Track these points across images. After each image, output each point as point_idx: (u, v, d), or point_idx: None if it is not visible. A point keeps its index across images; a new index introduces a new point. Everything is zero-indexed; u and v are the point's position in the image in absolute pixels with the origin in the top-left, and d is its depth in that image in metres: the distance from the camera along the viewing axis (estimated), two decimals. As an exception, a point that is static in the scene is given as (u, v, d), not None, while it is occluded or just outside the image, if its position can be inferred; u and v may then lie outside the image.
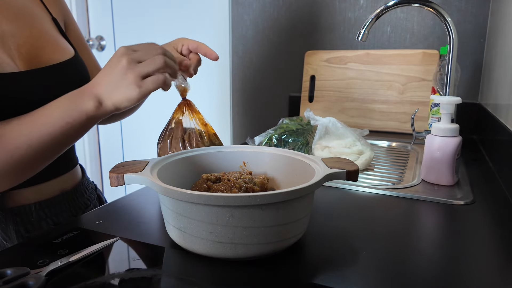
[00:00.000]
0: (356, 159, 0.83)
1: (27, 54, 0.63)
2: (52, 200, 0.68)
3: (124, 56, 0.55)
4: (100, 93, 0.56)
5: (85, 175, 0.80)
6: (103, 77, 0.56)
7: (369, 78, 1.24)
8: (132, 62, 0.55)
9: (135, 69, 0.55)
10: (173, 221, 0.46)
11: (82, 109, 0.55)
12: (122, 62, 0.55)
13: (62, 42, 0.70)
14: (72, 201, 0.72)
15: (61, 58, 0.68)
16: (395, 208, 0.63)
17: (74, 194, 0.73)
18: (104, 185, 2.01)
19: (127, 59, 0.55)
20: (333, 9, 1.32)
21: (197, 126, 0.70)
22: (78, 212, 0.73)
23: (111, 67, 0.56)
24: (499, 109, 0.88)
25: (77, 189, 0.74)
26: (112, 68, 0.55)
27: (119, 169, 0.48)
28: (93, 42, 1.84)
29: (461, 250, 0.49)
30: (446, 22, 0.89)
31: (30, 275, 0.40)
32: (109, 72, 0.56)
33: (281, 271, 0.44)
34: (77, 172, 0.77)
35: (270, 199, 0.41)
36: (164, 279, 0.42)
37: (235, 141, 1.59)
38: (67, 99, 0.56)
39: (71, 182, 0.74)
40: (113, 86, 0.55)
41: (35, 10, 0.68)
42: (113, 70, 0.55)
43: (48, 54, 0.66)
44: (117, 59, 0.55)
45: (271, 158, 0.59)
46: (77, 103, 0.56)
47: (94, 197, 0.80)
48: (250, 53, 1.49)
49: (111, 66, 0.56)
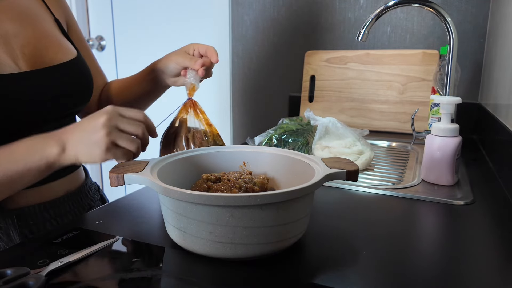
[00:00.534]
0: (356, 159, 0.82)
1: (30, 54, 0.63)
2: (56, 201, 0.68)
3: (106, 114, 0.54)
4: (67, 140, 0.55)
5: (88, 176, 0.80)
6: (76, 126, 0.56)
7: (369, 78, 1.24)
8: (111, 125, 0.54)
9: (109, 132, 0.53)
10: (173, 221, 0.46)
11: (43, 154, 0.54)
12: (101, 120, 0.54)
13: (64, 43, 0.70)
14: (76, 202, 0.72)
15: (63, 59, 0.68)
16: (395, 208, 0.63)
17: (78, 195, 0.73)
18: (104, 185, 2.01)
19: (108, 119, 0.54)
20: (333, 9, 1.32)
21: (202, 126, 0.70)
22: (82, 213, 0.73)
23: (88, 120, 0.55)
24: (499, 109, 0.88)
25: (81, 190, 0.74)
26: (89, 121, 0.55)
27: (119, 169, 0.48)
28: (93, 42, 1.84)
29: (461, 250, 0.49)
30: (446, 22, 0.89)
31: (30, 275, 0.40)
32: (86, 124, 0.55)
33: (281, 271, 0.44)
34: (81, 173, 0.77)
35: (270, 199, 0.41)
36: (164, 279, 0.42)
37: (235, 141, 1.59)
38: (34, 140, 0.56)
39: (75, 183, 0.74)
40: (83, 138, 0.54)
41: (38, 11, 0.69)
42: (90, 123, 0.54)
43: (51, 54, 0.66)
44: (99, 114, 0.54)
45: (271, 158, 0.59)
46: (42, 146, 0.55)
47: (97, 198, 0.80)
48: (250, 53, 1.49)
49: (89, 119, 0.55)
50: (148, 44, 1.71)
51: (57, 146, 0.55)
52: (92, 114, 0.56)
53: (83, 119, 0.56)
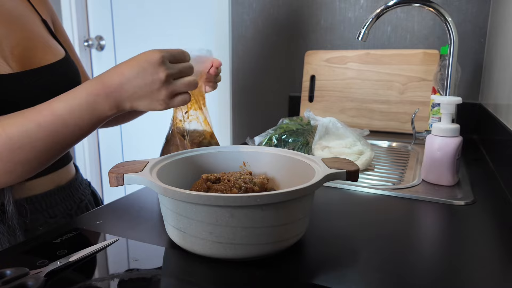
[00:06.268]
0: (356, 159, 0.82)
1: (20, 55, 0.64)
2: (47, 193, 0.69)
3: (162, 68, 0.53)
4: (122, 98, 0.53)
5: (79, 171, 0.81)
6: (127, 82, 0.53)
7: (369, 78, 1.24)
8: (169, 79, 0.53)
9: (169, 87, 0.53)
10: (173, 222, 0.46)
11: (95, 113, 0.54)
12: (160, 76, 0.52)
13: (53, 43, 0.71)
14: (66, 195, 0.73)
15: (52, 59, 0.68)
16: (396, 208, 0.63)
17: (68, 189, 0.73)
18: (104, 185, 2.01)
19: (166, 74, 0.53)
20: (333, 9, 1.32)
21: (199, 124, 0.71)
22: (72, 206, 0.74)
23: (142, 76, 0.52)
24: (499, 109, 0.87)
25: (72, 184, 0.75)
26: (144, 78, 0.52)
27: (119, 169, 0.48)
28: (92, 42, 1.84)
29: (461, 250, 0.49)
30: (447, 22, 0.89)
31: (29, 276, 0.40)
32: (140, 80, 0.52)
33: (281, 272, 0.43)
34: (71, 168, 0.77)
35: (270, 199, 0.41)
36: (164, 279, 0.42)
37: (235, 141, 1.59)
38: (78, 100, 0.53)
39: (66, 177, 0.74)
40: (141, 95, 0.53)
41: (25, 13, 0.69)
42: (144, 80, 0.52)
43: (40, 55, 0.66)
44: (154, 69, 0.52)
45: (271, 158, 0.59)
46: (90, 107, 0.53)
47: (88, 193, 0.81)
48: (250, 53, 1.49)
49: (143, 75, 0.52)
50: (147, 44, 1.71)
51: (108, 104, 0.53)
52: (139, 64, 0.53)
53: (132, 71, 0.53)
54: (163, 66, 0.53)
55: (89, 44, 1.84)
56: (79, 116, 0.53)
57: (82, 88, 0.54)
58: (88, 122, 0.54)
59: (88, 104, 0.53)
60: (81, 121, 0.53)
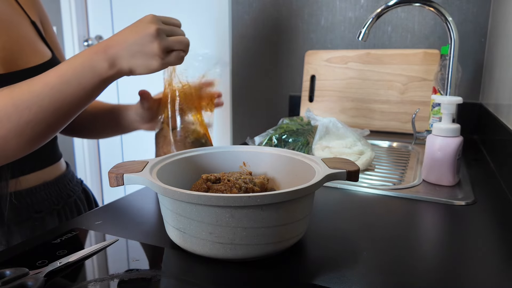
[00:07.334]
0: (356, 159, 0.82)
1: (7, 58, 0.64)
2: (32, 189, 0.69)
3: (153, 24, 0.55)
4: (116, 55, 0.55)
5: (69, 168, 0.81)
6: (123, 39, 0.55)
7: (369, 78, 1.24)
8: (161, 33, 0.55)
9: (162, 41, 0.54)
10: (173, 222, 0.46)
11: (95, 71, 0.55)
12: (151, 30, 0.54)
13: (39, 45, 0.71)
14: (53, 191, 0.73)
15: (38, 61, 0.68)
16: (396, 208, 0.63)
17: (56, 185, 0.74)
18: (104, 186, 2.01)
19: (157, 28, 0.54)
20: (333, 9, 1.32)
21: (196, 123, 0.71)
22: (59, 202, 0.74)
23: (136, 32, 0.55)
24: (500, 109, 0.87)
25: (59, 180, 0.75)
26: (138, 33, 0.54)
27: (118, 169, 0.48)
28: (92, 42, 1.84)
29: (462, 251, 0.49)
30: (447, 22, 0.89)
31: (29, 276, 0.40)
32: (133, 36, 0.54)
33: (281, 272, 0.43)
34: (61, 166, 0.77)
35: (270, 199, 0.41)
36: (164, 280, 0.42)
37: (235, 141, 1.58)
38: (80, 59, 0.55)
39: (53, 174, 0.74)
40: (134, 51, 0.54)
41: (13, 14, 0.69)
42: (138, 34, 0.54)
43: (26, 57, 0.67)
44: (146, 25, 0.55)
45: (271, 158, 0.59)
46: (91, 64, 0.54)
47: (78, 190, 0.81)
48: (250, 53, 1.49)
49: (136, 31, 0.55)
50: (148, 44, 1.71)
51: (107, 61, 0.54)
52: (135, 25, 0.56)
53: (125, 31, 0.56)
54: (154, 22, 0.56)
55: (89, 44, 1.84)
56: (82, 74, 0.54)
57: (85, 50, 0.56)
58: (90, 81, 0.55)
59: (89, 62, 0.55)
60: (83, 80, 0.55)
